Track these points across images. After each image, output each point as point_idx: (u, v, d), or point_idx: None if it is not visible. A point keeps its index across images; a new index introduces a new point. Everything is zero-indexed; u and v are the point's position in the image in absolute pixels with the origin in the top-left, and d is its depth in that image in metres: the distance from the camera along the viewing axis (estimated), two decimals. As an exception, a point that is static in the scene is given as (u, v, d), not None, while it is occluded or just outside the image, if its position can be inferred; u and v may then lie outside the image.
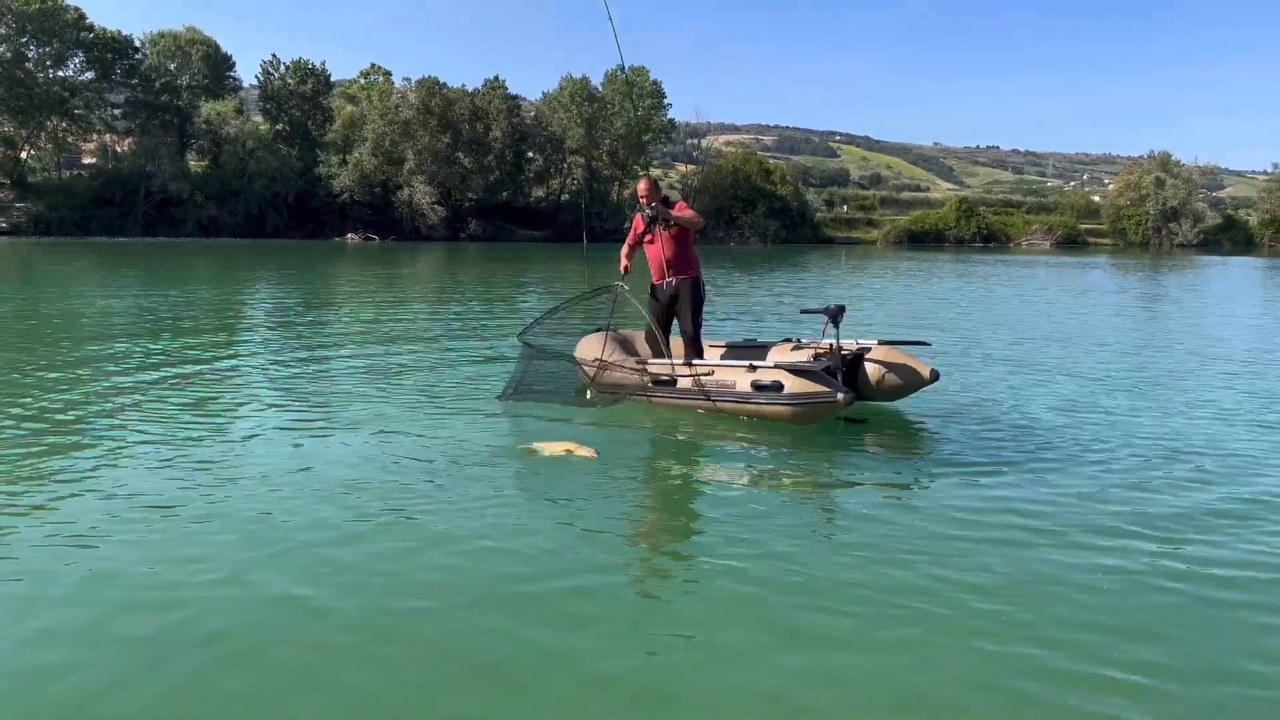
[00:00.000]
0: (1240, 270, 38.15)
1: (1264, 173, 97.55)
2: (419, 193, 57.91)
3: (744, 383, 6.72)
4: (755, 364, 6.80)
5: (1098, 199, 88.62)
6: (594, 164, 65.74)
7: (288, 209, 57.30)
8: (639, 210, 7.46)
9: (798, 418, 6.51)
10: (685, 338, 7.49)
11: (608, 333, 7.80)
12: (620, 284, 7.59)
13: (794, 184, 72.55)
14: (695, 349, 7.43)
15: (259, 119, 61.86)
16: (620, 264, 7.71)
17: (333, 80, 65.58)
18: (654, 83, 65.26)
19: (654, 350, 7.66)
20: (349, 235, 56.23)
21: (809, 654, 3.34)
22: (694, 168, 74.29)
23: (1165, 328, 14.91)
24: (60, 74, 56.96)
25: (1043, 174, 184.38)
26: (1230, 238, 73.59)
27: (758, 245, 60.10)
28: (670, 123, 68.18)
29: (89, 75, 57.62)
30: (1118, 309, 18.38)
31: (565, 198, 66.05)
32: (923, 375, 6.92)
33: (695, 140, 79.04)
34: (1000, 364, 10.04)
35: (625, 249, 7.70)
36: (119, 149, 60.63)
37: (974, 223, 73.96)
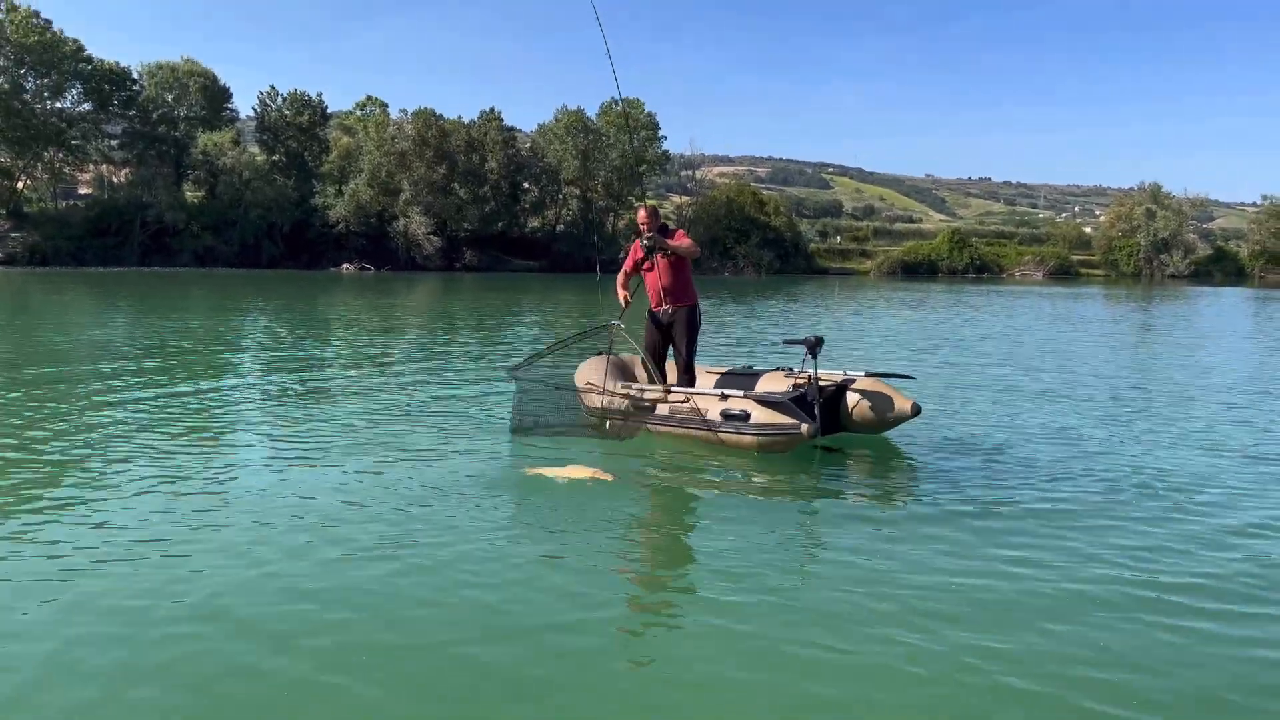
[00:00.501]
0: (1232, 301, 38.34)
1: (1253, 204, 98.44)
2: (415, 223, 58.13)
3: (715, 411, 6.75)
4: (727, 393, 6.83)
5: (1089, 230, 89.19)
6: (589, 195, 66.09)
7: (283, 239, 57.47)
8: (638, 238, 7.52)
9: (764, 447, 6.53)
10: (679, 364, 7.54)
11: (608, 357, 7.84)
12: (618, 322, 7.65)
13: (788, 215, 72.98)
14: (688, 376, 7.48)
15: (256, 150, 62.20)
16: (619, 294, 7.76)
17: (329, 112, 66.04)
18: (649, 115, 65.81)
19: (648, 375, 7.70)
20: (344, 265, 56.34)
21: (800, 688, 3.30)
22: (688, 199, 74.75)
23: (1157, 357, 14.95)
24: (58, 105, 57.35)
25: (1034, 205, 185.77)
26: (1221, 268, 74.01)
27: (752, 275, 60.34)
28: (665, 154, 68.70)
29: (86, 106, 57.98)
30: (1111, 339, 18.42)
31: (560, 228, 66.35)
32: (904, 410, 6.92)
33: (690, 172, 79.66)
34: (991, 394, 10.04)
35: (621, 277, 7.76)
36: (115, 179, 60.85)
37: (967, 253, 74.30)
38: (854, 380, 7.23)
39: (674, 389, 7.22)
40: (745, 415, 6.56)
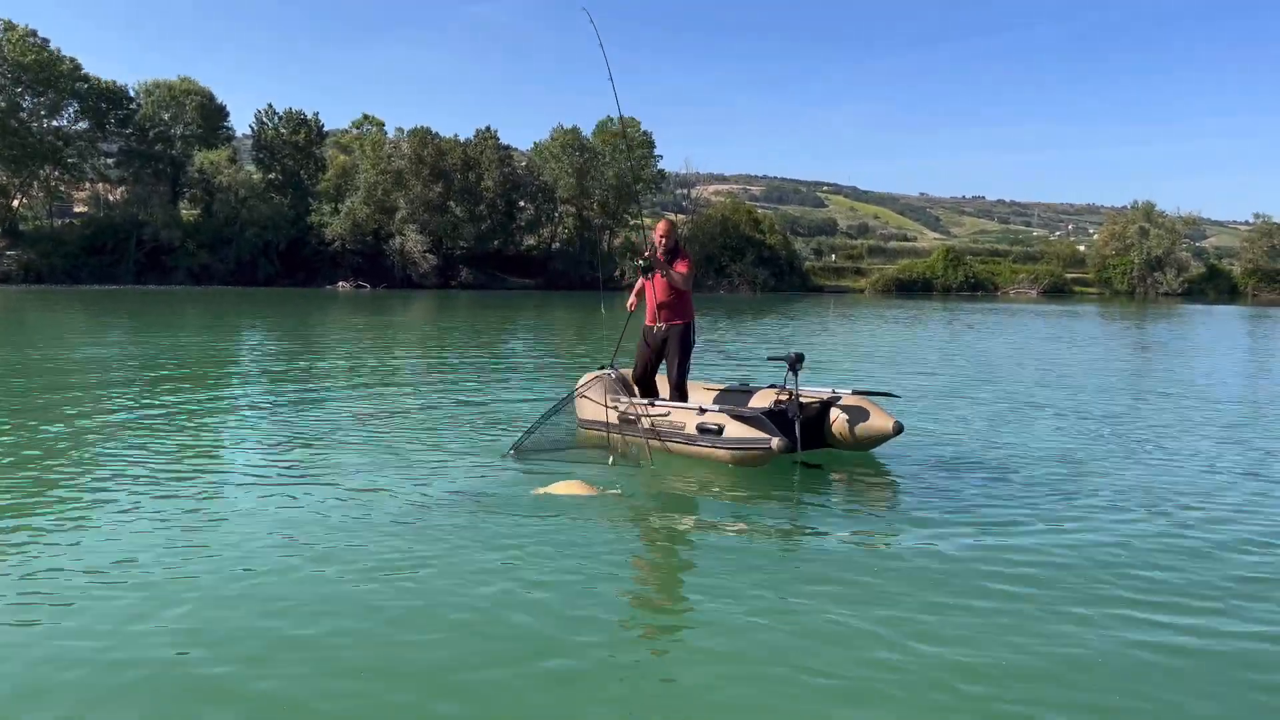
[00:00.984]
0: (1225, 319, 38.49)
1: (1245, 223, 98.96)
2: (411, 241, 58.20)
3: (691, 425, 6.78)
4: (704, 407, 6.87)
5: (1083, 248, 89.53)
6: (585, 213, 66.28)
7: (279, 257, 57.48)
8: (649, 250, 7.54)
9: (736, 461, 6.56)
10: (670, 381, 7.55)
11: (611, 370, 7.88)
12: (610, 371, 7.77)
13: (782, 233, 73.20)
14: (680, 393, 7.48)
15: (252, 168, 62.30)
16: (630, 301, 7.83)
17: (326, 130, 66.22)
18: (645, 134, 66.11)
19: (641, 389, 7.73)
20: (340, 283, 56.34)
21: (792, 708, 3.28)
22: (684, 217, 74.93)
23: (1151, 375, 14.98)
24: (54, 123, 57.42)
25: (1028, 224, 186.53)
26: (1214, 286, 74.32)
27: (747, 293, 60.46)
28: (660, 173, 68.97)
29: (83, 125, 58.04)
30: (1105, 356, 18.46)
31: (556, 246, 66.48)
32: (886, 428, 6.92)
33: (685, 190, 79.86)
34: (982, 411, 10.05)
35: (639, 284, 7.79)
36: (111, 198, 60.90)
37: (961, 271, 74.53)
38: (840, 397, 7.25)
39: (656, 402, 7.25)
40: (719, 429, 6.59)
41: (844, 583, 4.48)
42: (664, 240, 7.45)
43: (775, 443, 6.31)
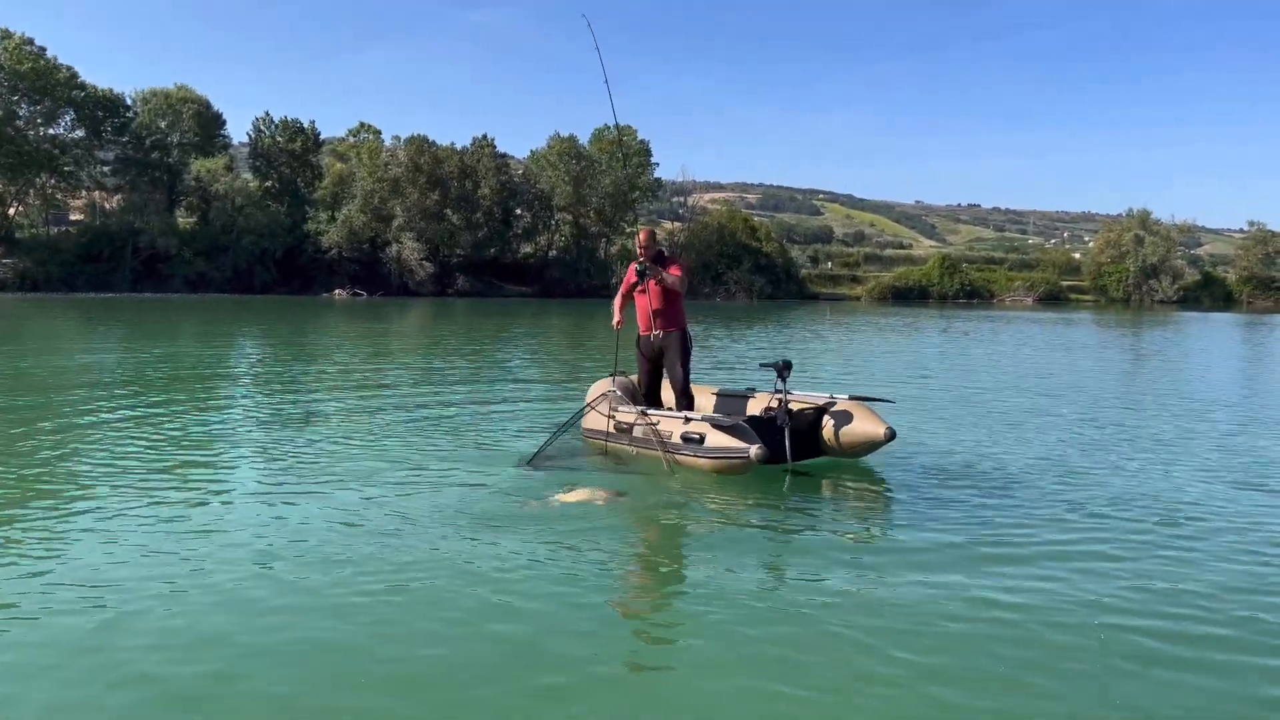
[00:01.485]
0: (1221, 326, 38.59)
1: (1239, 230, 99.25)
2: (407, 249, 58.18)
3: (677, 434, 6.77)
4: (689, 416, 6.87)
5: (1078, 256, 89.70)
6: (582, 221, 66.32)
7: (276, 265, 57.43)
8: (635, 260, 7.59)
9: (716, 470, 6.55)
10: (675, 387, 7.56)
11: (617, 378, 7.93)
12: (615, 381, 7.80)
13: (779, 241, 73.29)
14: (686, 399, 7.51)
15: (249, 176, 62.27)
16: (614, 318, 7.87)
17: (323, 138, 66.24)
18: (642, 142, 66.22)
19: (648, 401, 7.76)
20: (337, 291, 56.29)
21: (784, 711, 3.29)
22: (680, 225, 74.99)
23: (1146, 382, 15.00)
24: (51, 131, 57.35)
25: (1024, 231, 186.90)
26: (1209, 294, 74.52)
27: (744, 301, 60.51)
28: (657, 181, 69.06)
29: (79, 133, 57.98)
30: (1100, 364, 18.50)
31: (553, 254, 66.50)
32: (878, 434, 6.89)
33: (681, 198, 79.95)
34: (976, 418, 10.06)
35: (619, 300, 7.85)
36: (108, 205, 60.80)
37: (957, 279, 74.63)
38: (834, 404, 7.23)
39: (648, 411, 7.24)
40: (700, 438, 6.58)
41: (834, 593, 4.47)
42: (644, 250, 7.46)
43: (753, 452, 6.29)
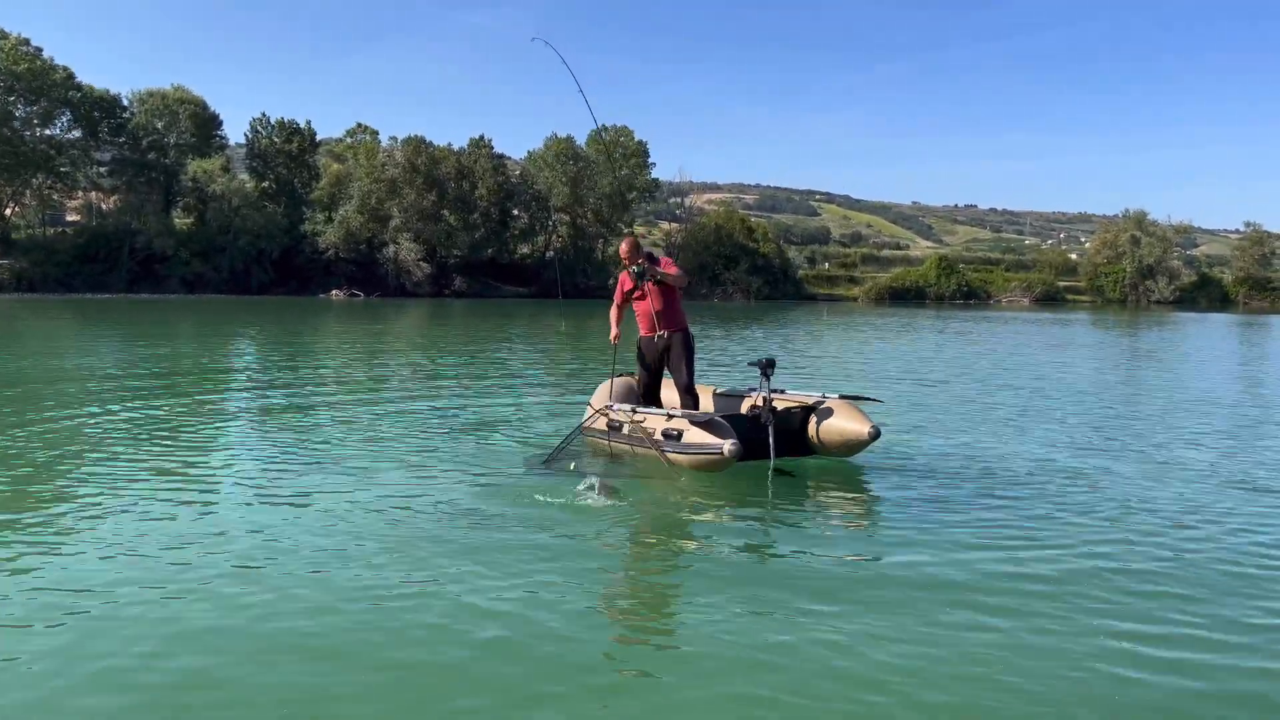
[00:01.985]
0: (1217, 327, 38.66)
1: (1236, 231, 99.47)
2: (404, 249, 58.15)
3: (659, 431, 6.78)
4: (671, 413, 6.88)
5: (1075, 257, 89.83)
6: (579, 221, 66.34)
7: (273, 266, 57.40)
8: (624, 269, 7.58)
9: (694, 466, 6.54)
10: (680, 387, 7.56)
11: (617, 378, 7.95)
12: (613, 389, 7.85)
13: (776, 241, 73.29)
14: (691, 398, 7.51)
15: (245, 177, 62.21)
16: (612, 331, 7.87)
17: (320, 139, 66.20)
18: (639, 143, 66.22)
19: (646, 399, 7.76)
20: (334, 292, 56.26)
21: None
22: (677, 225, 75.04)
23: (1141, 383, 15.01)
24: (47, 132, 57.27)
25: (1020, 232, 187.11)
26: (1206, 294, 74.66)
27: (741, 301, 60.56)
28: (654, 181, 69.06)
29: (76, 133, 57.92)
30: (1096, 364, 18.52)
31: (550, 254, 66.48)
32: (862, 434, 6.87)
33: (679, 199, 79.99)
34: (969, 419, 10.06)
35: (614, 311, 7.84)
36: (104, 206, 60.72)
37: (954, 280, 74.71)
38: (824, 403, 7.23)
39: (638, 410, 7.27)
40: (678, 435, 6.58)
41: (821, 595, 4.43)
42: (629, 259, 7.48)
43: (727, 448, 6.29)
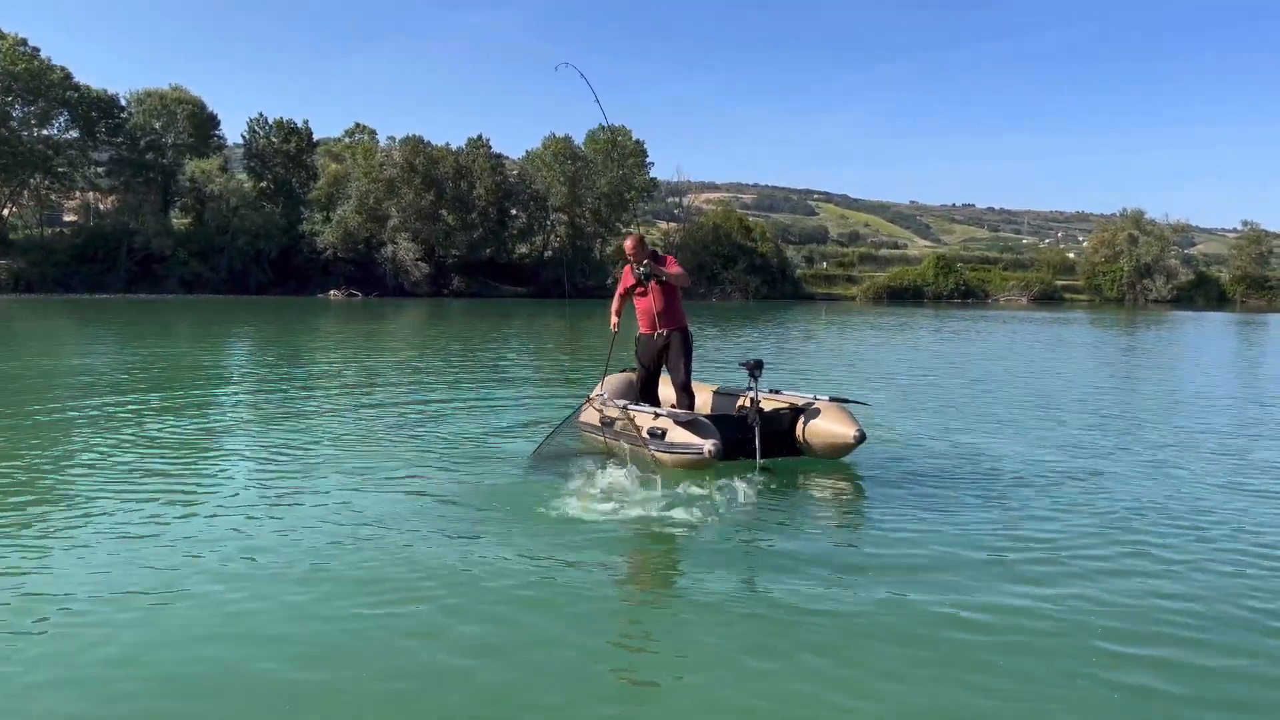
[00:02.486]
0: (1215, 326, 38.71)
1: (1233, 230, 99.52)
2: (403, 249, 58.12)
3: (646, 429, 6.81)
4: (658, 412, 6.90)
5: (1073, 256, 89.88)
6: (577, 221, 66.31)
7: (271, 266, 57.35)
8: (629, 264, 7.64)
9: (677, 465, 6.56)
10: (677, 385, 7.60)
11: (617, 375, 8.01)
12: (610, 387, 7.89)
13: (774, 241, 73.26)
14: (688, 396, 7.56)
15: (244, 177, 62.15)
16: (612, 321, 7.96)
17: (318, 139, 66.09)
18: (637, 142, 66.18)
19: (644, 396, 7.79)
20: (332, 292, 56.21)
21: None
22: (675, 225, 75.03)
23: (1138, 382, 15.04)
24: (45, 132, 57.15)
25: (1018, 231, 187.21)
26: (1204, 293, 74.75)
27: (739, 300, 60.58)
28: (652, 181, 69.02)
29: (73, 133, 57.80)
30: (1094, 363, 18.54)
31: (549, 254, 66.46)
32: (848, 436, 6.87)
33: (677, 198, 79.94)
34: (964, 420, 10.08)
35: (616, 302, 7.92)
36: (102, 206, 60.64)
37: (952, 279, 74.70)
38: (813, 404, 7.23)
39: (629, 407, 7.29)
40: (662, 434, 6.61)
41: (812, 598, 4.45)
42: (634, 256, 7.54)
43: (708, 448, 6.30)
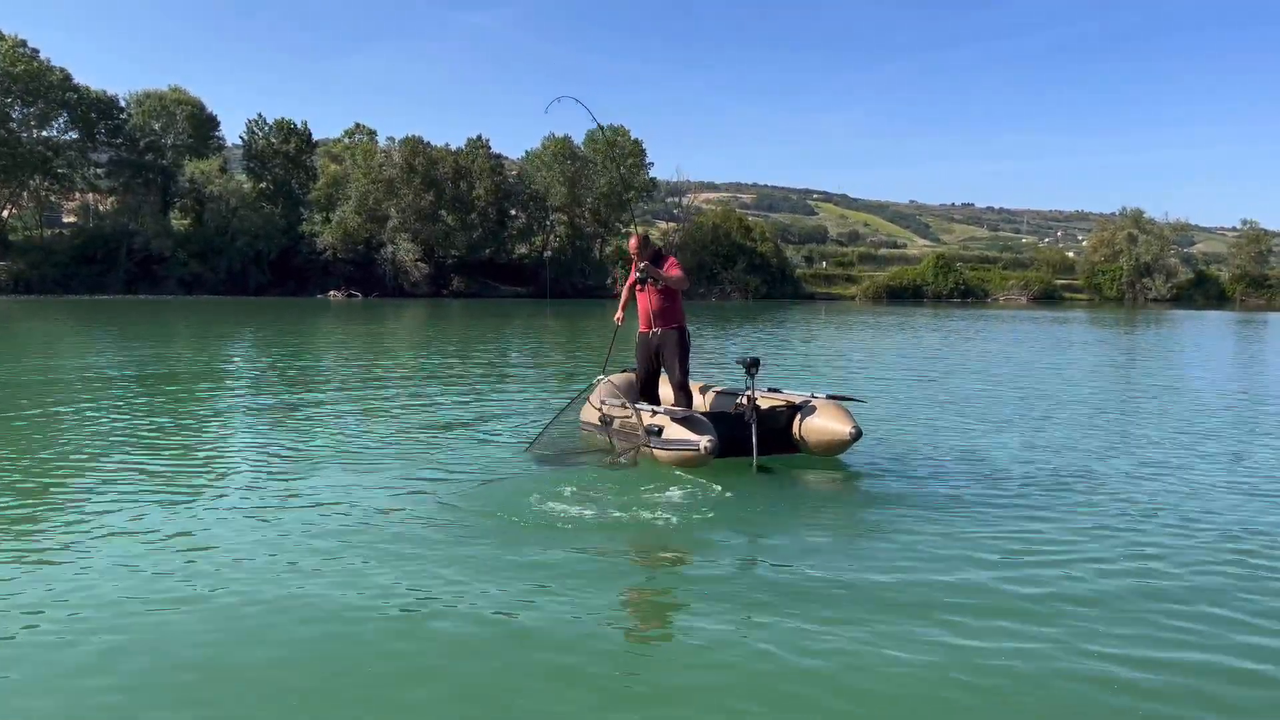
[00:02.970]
0: (1215, 324, 38.71)
1: (1233, 229, 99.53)
2: (402, 250, 58.15)
3: (643, 426, 6.83)
4: (656, 410, 6.92)
5: (1072, 255, 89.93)
6: (577, 221, 66.34)
7: (270, 266, 57.36)
8: (635, 260, 7.67)
9: (673, 462, 6.57)
10: (674, 384, 7.62)
11: (617, 374, 8.00)
12: (604, 377, 7.92)
13: (773, 241, 73.31)
14: (684, 395, 7.56)
15: (243, 177, 62.17)
16: (617, 313, 8.18)
17: (317, 140, 66.10)
18: (635, 142, 66.20)
19: (644, 395, 7.81)
20: (332, 292, 56.22)
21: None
22: (675, 225, 75.05)
23: (1134, 381, 15.03)
24: (44, 133, 57.17)
25: (1017, 231, 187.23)
26: (1203, 292, 74.84)
27: (739, 300, 60.59)
28: (652, 181, 69.04)
29: (73, 135, 57.82)
30: (1094, 362, 18.55)
31: (548, 254, 66.50)
32: (843, 434, 6.88)
33: (676, 198, 79.95)
34: (961, 418, 10.08)
35: (624, 295, 8.07)
36: (102, 207, 60.66)
37: (952, 278, 74.74)
38: (810, 402, 7.25)
39: (629, 405, 7.30)
40: (659, 431, 6.63)
41: (809, 599, 4.42)
42: (638, 255, 7.56)
43: (704, 445, 6.31)
